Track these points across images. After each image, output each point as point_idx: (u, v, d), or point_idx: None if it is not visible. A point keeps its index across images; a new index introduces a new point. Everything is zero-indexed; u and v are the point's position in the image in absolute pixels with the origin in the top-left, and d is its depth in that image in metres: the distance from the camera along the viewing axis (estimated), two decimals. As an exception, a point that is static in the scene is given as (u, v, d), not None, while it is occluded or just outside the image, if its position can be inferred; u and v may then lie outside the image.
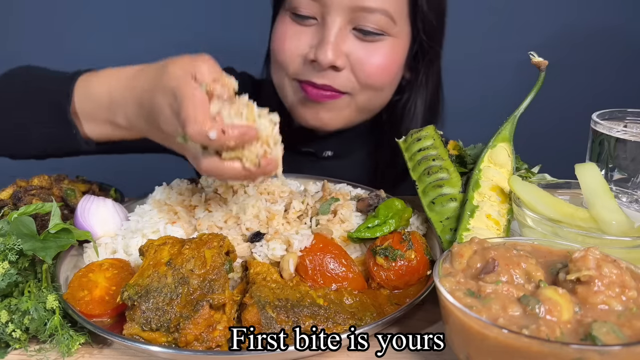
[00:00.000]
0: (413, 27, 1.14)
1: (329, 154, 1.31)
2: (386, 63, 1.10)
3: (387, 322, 0.69)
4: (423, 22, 1.13)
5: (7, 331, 0.68)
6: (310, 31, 1.08)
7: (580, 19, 2.16)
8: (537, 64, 0.91)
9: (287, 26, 1.11)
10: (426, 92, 1.24)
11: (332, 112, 1.14)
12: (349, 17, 1.05)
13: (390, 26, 1.07)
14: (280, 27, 1.12)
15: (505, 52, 2.11)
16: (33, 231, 0.78)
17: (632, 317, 0.54)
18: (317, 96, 1.10)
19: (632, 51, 2.18)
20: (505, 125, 0.93)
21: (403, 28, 1.11)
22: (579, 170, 0.80)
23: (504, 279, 0.60)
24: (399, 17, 1.08)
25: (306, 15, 1.07)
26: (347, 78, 1.09)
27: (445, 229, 0.85)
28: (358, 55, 1.07)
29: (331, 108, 1.13)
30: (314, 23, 1.08)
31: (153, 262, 0.71)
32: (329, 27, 1.05)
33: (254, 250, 0.82)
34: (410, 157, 0.98)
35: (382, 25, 1.06)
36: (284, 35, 1.11)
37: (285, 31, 1.11)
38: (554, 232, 0.74)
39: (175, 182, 0.99)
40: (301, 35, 1.09)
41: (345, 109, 1.14)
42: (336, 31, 1.05)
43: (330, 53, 1.03)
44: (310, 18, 1.08)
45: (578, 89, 2.18)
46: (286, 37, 1.10)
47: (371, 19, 1.05)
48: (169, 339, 0.66)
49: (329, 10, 1.04)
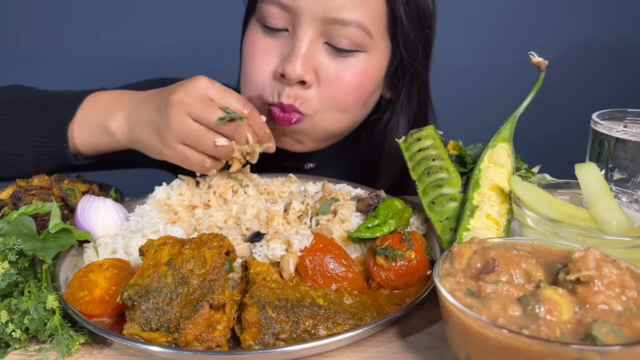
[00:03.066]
0: (393, 41, 1.06)
1: (311, 166, 1.26)
2: (359, 82, 1.02)
3: (387, 322, 0.69)
4: (402, 35, 1.04)
5: (7, 331, 0.68)
6: (281, 44, 1.01)
7: (581, 19, 2.16)
8: (537, 64, 0.91)
9: (257, 39, 1.03)
10: (409, 112, 1.16)
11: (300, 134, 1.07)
12: (321, 29, 0.97)
13: (366, 40, 0.99)
14: (249, 40, 1.05)
15: (505, 52, 2.11)
16: (33, 231, 0.78)
17: (632, 317, 0.54)
18: (284, 121, 1.02)
19: (632, 51, 2.18)
20: (505, 125, 0.93)
21: (381, 43, 1.03)
22: (579, 170, 0.80)
23: (504, 279, 0.60)
24: (376, 30, 1.00)
25: (276, 28, 1.00)
26: (312, 97, 1.01)
27: (445, 229, 0.85)
28: (328, 72, 1.00)
29: (299, 131, 1.06)
30: (284, 35, 1.01)
31: (153, 262, 0.71)
32: (300, 38, 0.97)
33: (254, 250, 0.82)
34: (410, 157, 0.98)
35: (356, 39, 0.98)
36: (253, 49, 1.04)
37: (255, 45, 1.03)
38: (554, 232, 0.74)
39: (175, 182, 0.99)
40: (272, 49, 1.01)
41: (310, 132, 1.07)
42: (307, 44, 0.97)
43: (299, 66, 0.96)
44: (281, 30, 1.00)
45: (578, 89, 2.18)
46: (255, 52, 1.03)
47: (345, 33, 0.97)
48: (169, 339, 0.66)
49: (300, 21, 0.97)
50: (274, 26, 1.00)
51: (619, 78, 2.20)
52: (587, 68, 2.19)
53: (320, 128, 1.06)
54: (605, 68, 2.20)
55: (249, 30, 1.07)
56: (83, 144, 0.99)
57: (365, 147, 1.22)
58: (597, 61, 2.19)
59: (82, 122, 0.98)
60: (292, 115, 1.01)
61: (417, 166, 0.95)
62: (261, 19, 1.02)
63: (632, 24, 2.15)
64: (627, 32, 2.16)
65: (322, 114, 1.04)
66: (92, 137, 0.98)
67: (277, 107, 1.02)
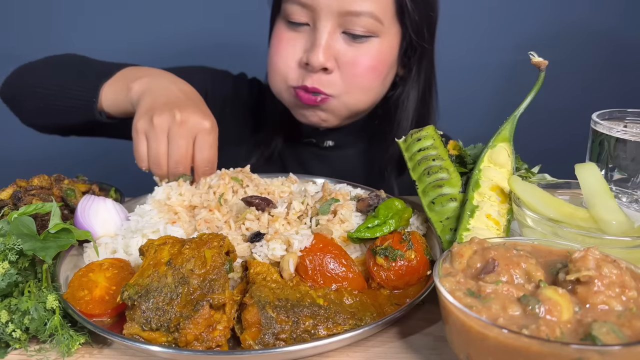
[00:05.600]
0: (402, 25, 1.19)
1: (330, 144, 1.38)
2: (374, 64, 1.16)
3: (387, 322, 0.69)
4: (410, 20, 1.18)
5: (7, 331, 0.68)
6: (304, 37, 1.16)
7: (581, 19, 2.15)
8: (537, 64, 0.91)
9: (282, 34, 1.18)
10: (418, 87, 1.30)
11: (327, 112, 1.21)
12: (338, 21, 1.11)
13: (378, 27, 1.13)
14: (276, 35, 1.20)
15: (505, 52, 2.12)
16: (33, 231, 0.78)
17: (632, 317, 0.54)
18: (309, 101, 1.17)
19: (633, 51, 2.18)
20: (505, 125, 0.93)
21: (391, 27, 1.17)
22: (579, 170, 0.80)
23: (504, 279, 0.60)
24: (385, 18, 1.13)
25: (299, 22, 1.14)
26: (335, 81, 1.16)
27: (445, 229, 0.85)
28: (347, 57, 1.14)
29: (325, 109, 1.20)
30: (306, 29, 1.15)
31: (153, 262, 0.71)
32: (320, 31, 1.12)
33: (254, 250, 0.82)
34: (410, 157, 0.98)
35: (369, 27, 1.12)
36: (279, 42, 1.19)
37: (281, 38, 1.18)
38: (554, 232, 0.74)
39: (175, 182, 0.99)
40: (296, 41, 1.16)
41: (337, 110, 1.21)
42: (326, 35, 1.12)
43: (321, 56, 1.11)
44: (303, 24, 1.15)
45: (578, 89, 2.18)
46: (281, 44, 1.18)
47: (359, 22, 1.11)
48: (169, 339, 0.66)
49: (319, 16, 1.11)
50: (297, 21, 1.15)
51: (619, 78, 2.20)
52: (587, 68, 2.19)
53: (345, 107, 1.21)
54: (605, 68, 2.20)
55: (275, 29, 1.22)
56: (107, 99, 1.13)
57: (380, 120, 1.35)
58: (598, 61, 2.19)
59: (113, 83, 1.13)
60: (316, 96, 1.17)
61: (417, 166, 0.95)
62: (285, 16, 1.17)
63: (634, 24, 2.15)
64: (627, 32, 2.16)
65: (347, 94, 1.18)
66: (115, 93, 1.12)
67: (301, 90, 1.17)
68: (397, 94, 1.30)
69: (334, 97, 1.18)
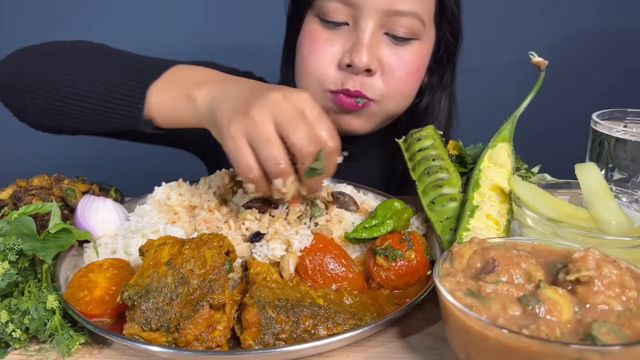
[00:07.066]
0: (438, 29, 1.15)
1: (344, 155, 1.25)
2: (415, 67, 1.11)
3: (387, 322, 0.69)
4: (450, 23, 1.14)
5: (7, 331, 0.68)
6: (343, 36, 1.07)
7: (581, 19, 2.16)
8: (537, 64, 0.91)
9: (317, 34, 1.09)
10: (450, 93, 1.26)
11: (362, 118, 1.13)
12: (382, 20, 1.04)
13: (420, 29, 1.08)
14: (308, 34, 1.11)
15: (505, 52, 2.11)
16: (33, 231, 0.78)
17: (632, 317, 0.54)
18: (350, 106, 1.08)
19: (633, 51, 2.18)
20: (505, 125, 0.93)
21: (430, 31, 1.12)
22: (579, 170, 0.80)
23: (504, 279, 0.60)
24: (427, 20, 1.09)
25: (337, 22, 1.06)
26: (377, 84, 1.08)
27: (445, 229, 0.85)
28: (389, 60, 1.07)
29: (362, 115, 1.12)
30: (345, 29, 1.07)
31: (153, 262, 0.71)
32: (363, 30, 1.04)
33: (254, 250, 0.82)
34: (410, 157, 0.98)
35: (413, 28, 1.06)
36: (314, 43, 1.09)
37: (316, 39, 1.09)
38: (554, 232, 0.74)
39: (175, 182, 0.99)
40: (333, 41, 1.08)
41: (375, 116, 1.14)
42: (369, 35, 1.04)
43: (365, 56, 1.03)
44: (342, 24, 1.07)
45: (578, 89, 2.18)
46: (317, 44, 1.09)
47: (403, 23, 1.05)
48: (169, 339, 0.66)
49: (362, 14, 1.04)
50: (335, 20, 1.07)
51: (619, 77, 2.20)
52: (587, 68, 2.19)
53: (384, 112, 1.14)
54: (605, 67, 2.20)
55: (306, 25, 1.12)
56: (160, 108, 0.91)
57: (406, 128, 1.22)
58: (598, 61, 2.19)
59: (165, 87, 0.92)
60: (358, 102, 1.08)
61: (417, 166, 0.95)
62: (320, 14, 1.08)
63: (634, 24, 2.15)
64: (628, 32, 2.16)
65: (388, 99, 1.11)
66: (171, 100, 0.90)
67: (342, 94, 1.08)
68: (425, 102, 1.24)
69: (375, 102, 1.10)
